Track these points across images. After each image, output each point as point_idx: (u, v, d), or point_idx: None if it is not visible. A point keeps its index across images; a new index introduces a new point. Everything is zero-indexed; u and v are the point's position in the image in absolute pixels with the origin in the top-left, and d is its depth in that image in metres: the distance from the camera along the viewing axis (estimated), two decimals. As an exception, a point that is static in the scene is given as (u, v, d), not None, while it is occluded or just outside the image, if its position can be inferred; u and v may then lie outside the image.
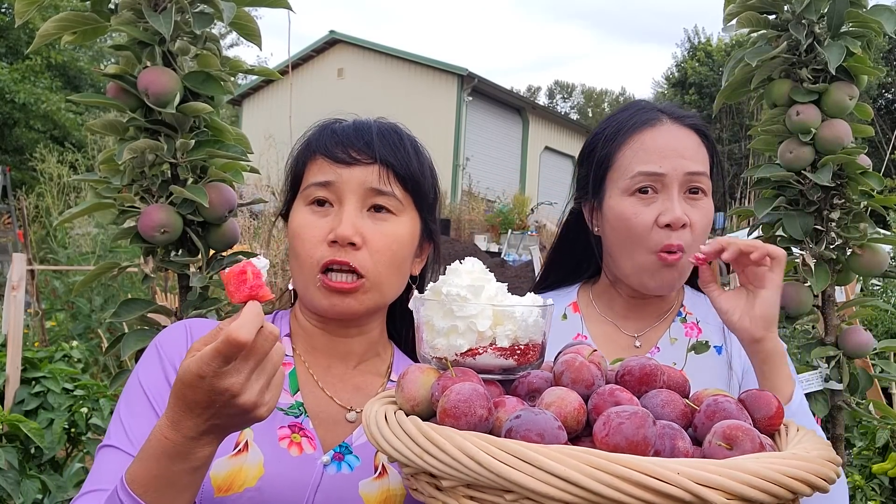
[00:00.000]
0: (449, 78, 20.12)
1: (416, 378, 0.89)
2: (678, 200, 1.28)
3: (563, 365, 0.89)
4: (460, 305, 0.90)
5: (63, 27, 1.38)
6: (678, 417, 0.84)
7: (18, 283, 2.96)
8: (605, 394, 0.84)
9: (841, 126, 1.52)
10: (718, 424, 0.80)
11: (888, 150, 5.35)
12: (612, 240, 1.34)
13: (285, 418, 1.12)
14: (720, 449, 0.77)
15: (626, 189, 1.30)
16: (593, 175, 1.37)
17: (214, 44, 1.45)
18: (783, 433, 0.90)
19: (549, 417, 0.77)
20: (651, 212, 1.28)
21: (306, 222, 1.13)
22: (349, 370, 1.20)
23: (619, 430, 0.74)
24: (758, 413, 0.90)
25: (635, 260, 1.30)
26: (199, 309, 1.47)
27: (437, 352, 0.92)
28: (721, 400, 0.85)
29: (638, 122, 1.33)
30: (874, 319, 4.09)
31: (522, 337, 0.92)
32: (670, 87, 37.09)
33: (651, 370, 0.89)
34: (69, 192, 7.82)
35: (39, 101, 14.91)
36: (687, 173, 1.28)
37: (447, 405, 0.80)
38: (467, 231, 15.73)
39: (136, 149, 1.36)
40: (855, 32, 1.52)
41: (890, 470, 2.75)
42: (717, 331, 1.45)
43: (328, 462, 1.10)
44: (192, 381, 0.81)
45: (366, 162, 1.13)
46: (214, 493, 1.04)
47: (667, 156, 1.29)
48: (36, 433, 2.49)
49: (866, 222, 1.58)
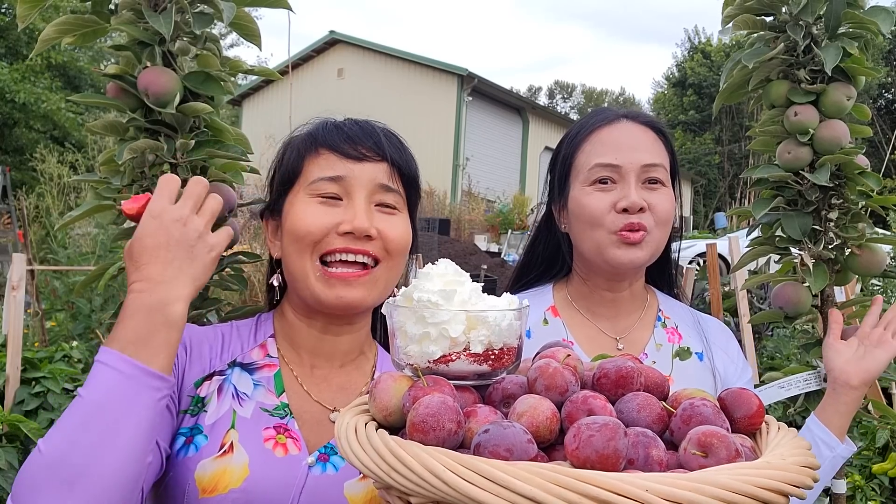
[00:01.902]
0: (449, 78, 20.11)
1: (389, 387, 0.88)
2: (635, 189, 1.36)
3: (537, 371, 0.87)
4: (432, 312, 0.88)
5: (64, 30, 1.38)
6: (654, 422, 0.83)
7: (18, 284, 2.96)
8: (579, 401, 0.82)
9: (839, 126, 1.52)
10: (693, 431, 0.78)
11: (888, 150, 5.35)
12: (575, 230, 1.43)
13: (271, 419, 1.12)
14: (695, 457, 0.76)
15: (585, 181, 1.39)
16: (558, 175, 1.47)
17: (214, 44, 1.45)
18: (763, 433, 0.89)
19: (518, 431, 0.76)
20: (608, 198, 1.37)
21: (315, 212, 1.14)
22: (334, 369, 1.20)
23: (588, 442, 0.73)
24: (738, 412, 0.89)
25: (595, 240, 1.38)
26: (199, 309, 1.48)
27: (411, 359, 0.91)
28: (697, 404, 0.83)
29: (597, 122, 1.44)
30: (874, 319, 4.09)
31: (496, 342, 0.90)
32: (670, 87, 37.09)
33: (627, 372, 0.88)
34: (69, 193, 7.81)
35: (39, 101, 14.92)
36: (643, 165, 1.38)
37: (415, 419, 0.78)
38: (467, 231, 15.72)
39: (136, 149, 1.36)
40: (852, 33, 1.52)
41: (890, 470, 2.76)
42: (695, 336, 1.49)
43: (313, 463, 1.10)
44: (148, 225, 1.01)
45: (375, 159, 1.17)
46: (199, 494, 1.04)
47: (622, 149, 1.38)
48: (36, 433, 2.49)
49: (865, 222, 1.59)
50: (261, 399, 1.14)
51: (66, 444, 0.88)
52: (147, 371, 0.93)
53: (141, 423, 0.91)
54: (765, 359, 3.91)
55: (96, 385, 0.91)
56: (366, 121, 1.23)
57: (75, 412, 0.90)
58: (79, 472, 0.87)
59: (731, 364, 1.48)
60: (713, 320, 1.57)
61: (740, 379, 1.47)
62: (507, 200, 17.81)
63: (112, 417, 0.90)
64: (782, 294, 1.60)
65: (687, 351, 1.45)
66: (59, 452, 0.88)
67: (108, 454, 0.88)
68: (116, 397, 0.91)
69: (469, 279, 0.95)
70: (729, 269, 2.34)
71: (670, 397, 0.92)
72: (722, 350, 1.49)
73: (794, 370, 1.62)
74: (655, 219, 1.37)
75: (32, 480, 0.87)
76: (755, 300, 4.32)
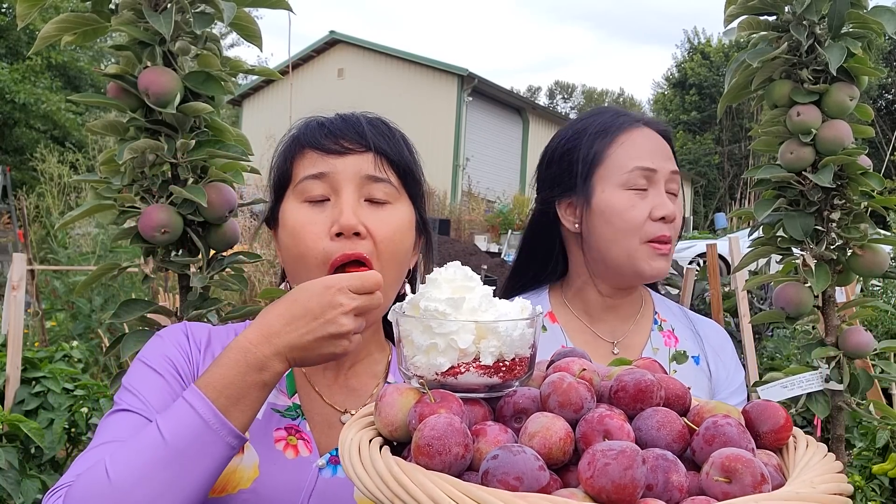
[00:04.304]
0: (449, 78, 20.11)
1: (395, 401, 0.84)
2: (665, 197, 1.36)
3: (550, 387, 0.82)
4: (439, 322, 0.84)
5: (64, 28, 1.37)
6: (675, 440, 0.79)
7: (18, 283, 2.95)
8: (594, 421, 0.78)
9: (842, 127, 1.52)
10: (717, 454, 0.74)
11: (888, 150, 5.35)
12: (602, 232, 1.37)
13: (282, 420, 1.11)
14: (718, 484, 0.72)
15: (622, 183, 1.35)
16: (580, 171, 1.39)
17: (215, 44, 1.45)
18: (791, 448, 0.84)
19: (528, 457, 0.72)
20: (646, 205, 1.34)
21: (305, 218, 1.10)
22: (343, 371, 1.18)
23: (604, 471, 0.68)
24: (764, 426, 0.85)
25: (628, 249, 1.35)
26: (200, 309, 1.47)
27: (418, 370, 0.86)
28: (721, 423, 0.78)
29: (625, 123, 1.41)
30: (874, 320, 4.09)
31: (508, 352, 0.85)
32: (670, 87, 37.08)
33: (646, 386, 0.83)
34: (69, 193, 7.81)
35: (40, 102, 14.91)
36: (671, 172, 1.38)
37: (420, 442, 0.75)
38: (467, 231, 15.72)
39: (137, 149, 1.36)
40: (855, 33, 1.51)
41: (890, 470, 2.75)
42: (691, 339, 1.47)
43: (323, 466, 1.08)
44: (316, 289, 0.94)
45: (359, 150, 1.11)
46: (209, 493, 1.04)
47: (656, 154, 1.38)
48: (36, 433, 2.49)
49: (867, 223, 1.58)
50: (272, 399, 1.12)
51: (135, 477, 0.87)
52: (231, 430, 0.91)
53: (208, 472, 0.91)
54: (765, 359, 3.91)
55: (179, 427, 0.90)
56: (352, 113, 1.18)
57: (151, 448, 0.89)
58: None
59: (723, 367, 1.47)
60: (708, 322, 1.56)
61: (733, 383, 1.46)
62: (507, 201, 17.80)
63: (186, 463, 0.89)
64: (784, 294, 1.59)
65: (683, 355, 1.44)
66: (128, 485, 0.86)
67: (172, 497, 0.88)
68: (197, 446, 0.89)
69: (480, 283, 0.90)
70: (729, 269, 2.37)
71: (692, 411, 0.87)
72: (716, 352, 1.48)
73: (794, 370, 1.62)
74: (674, 229, 1.36)
75: (93, 501, 0.86)
76: (755, 300, 4.31)
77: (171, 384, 1.04)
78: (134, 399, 1.02)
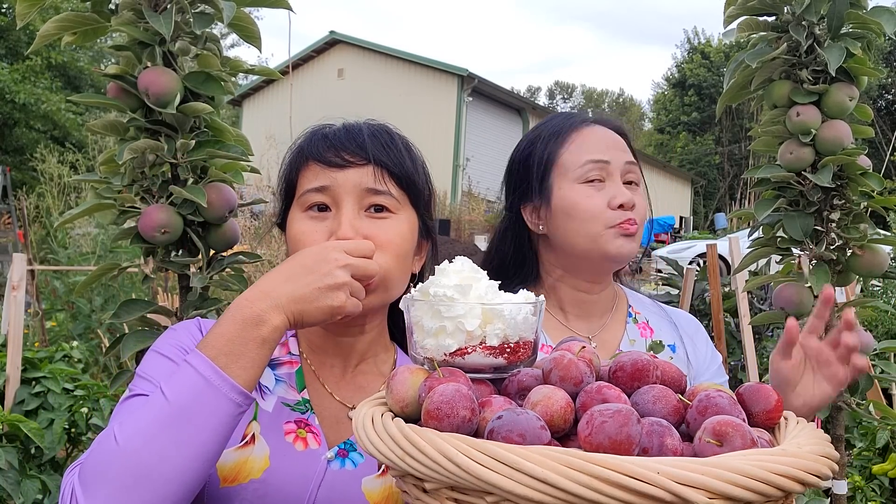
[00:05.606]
0: (449, 78, 20.12)
1: (405, 379, 0.88)
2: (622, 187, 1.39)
3: (552, 363, 0.87)
4: (448, 306, 0.89)
5: (63, 27, 1.38)
6: (670, 413, 0.82)
7: (18, 283, 2.95)
8: (593, 391, 0.82)
9: (841, 127, 1.52)
10: (708, 420, 0.77)
11: (888, 151, 5.35)
12: (566, 228, 1.40)
13: (292, 414, 1.14)
14: (709, 446, 0.75)
15: (577, 178, 1.39)
16: (536, 175, 1.44)
17: (215, 44, 1.45)
18: (782, 427, 0.88)
19: (531, 417, 0.76)
20: (603, 195, 1.38)
21: (306, 229, 1.13)
22: (351, 369, 1.21)
23: (601, 428, 0.72)
24: (756, 406, 0.88)
25: (592, 235, 1.37)
26: (200, 309, 1.47)
27: (427, 352, 0.91)
28: (713, 395, 0.82)
29: (575, 123, 1.45)
30: (874, 320, 4.10)
31: (512, 335, 0.90)
32: (670, 87, 37.10)
33: (643, 365, 0.87)
34: (69, 193, 7.81)
35: (40, 102, 14.93)
36: (626, 162, 1.42)
37: (430, 407, 0.79)
38: (467, 231, 15.72)
39: (137, 149, 1.36)
40: (855, 33, 1.52)
41: (890, 471, 2.75)
42: (666, 328, 1.50)
43: (332, 458, 1.11)
44: (313, 248, 1.01)
45: (359, 163, 1.14)
46: (220, 483, 1.06)
47: (609, 147, 1.41)
48: (36, 433, 2.49)
49: (866, 223, 1.58)
50: (282, 394, 1.15)
51: (141, 439, 0.88)
52: (233, 386, 0.93)
53: (216, 433, 0.92)
54: (765, 359, 3.91)
55: (181, 386, 0.92)
56: (355, 123, 1.21)
57: (155, 409, 0.91)
58: (149, 469, 0.87)
59: (700, 352, 1.50)
60: (681, 312, 1.59)
61: (711, 365, 1.49)
62: (507, 201, 17.78)
63: (191, 421, 0.90)
64: (784, 295, 1.60)
65: (660, 344, 1.47)
66: (134, 446, 0.88)
67: (180, 456, 0.89)
68: (199, 403, 0.91)
69: (486, 276, 0.94)
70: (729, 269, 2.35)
71: (688, 390, 0.92)
72: (691, 338, 1.51)
73: (795, 371, 1.62)
74: (638, 215, 1.39)
75: (103, 468, 0.88)
76: (755, 301, 4.32)
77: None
78: (147, 384, 1.04)
